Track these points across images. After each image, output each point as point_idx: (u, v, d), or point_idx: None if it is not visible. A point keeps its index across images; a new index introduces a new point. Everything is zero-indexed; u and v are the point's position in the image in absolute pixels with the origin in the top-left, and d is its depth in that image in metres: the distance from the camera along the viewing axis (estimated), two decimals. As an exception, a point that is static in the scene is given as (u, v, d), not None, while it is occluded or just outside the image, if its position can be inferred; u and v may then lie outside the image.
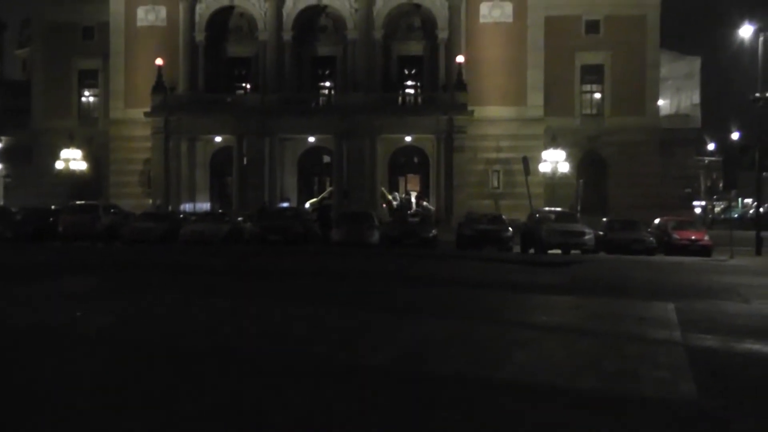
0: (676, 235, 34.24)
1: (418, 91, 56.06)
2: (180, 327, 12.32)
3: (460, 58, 51.43)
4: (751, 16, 36.16)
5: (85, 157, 54.36)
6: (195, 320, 12.99)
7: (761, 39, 34.63)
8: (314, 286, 18.71)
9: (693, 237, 34.14)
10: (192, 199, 53.87)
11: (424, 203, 51.88)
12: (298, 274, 21.67)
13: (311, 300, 15.70)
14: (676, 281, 21.15)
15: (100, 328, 12.08)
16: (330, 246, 33.80)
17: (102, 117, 57.90)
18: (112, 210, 39.94)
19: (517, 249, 33.78)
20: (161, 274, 20.74)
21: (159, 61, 52.42)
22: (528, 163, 33.50)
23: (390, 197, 52.08)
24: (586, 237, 32.94)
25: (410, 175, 57.75)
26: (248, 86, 57.60)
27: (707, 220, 64.00)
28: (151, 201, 51.75)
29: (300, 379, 8.74)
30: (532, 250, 32.38)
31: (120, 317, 13.23)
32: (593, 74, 55.95)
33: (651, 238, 33.67)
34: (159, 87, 52.47)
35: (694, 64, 63.35)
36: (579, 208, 45.43)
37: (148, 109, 52.51)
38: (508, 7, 53.42)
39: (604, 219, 37.96)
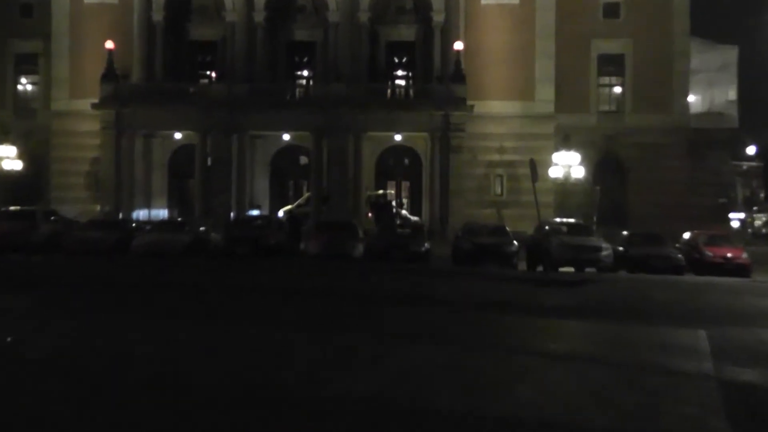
0: (708, 252, 34.22)
1: (410, 82, 56.03)
2: (127, 354, 12.22)
3: (458, 45, 51.48)
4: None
5: (22, 155, 53.90)
6: (145, 345, 12.88)
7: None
8: (284, 306, 18.62)
9: (728, 254, 34.11)
10: (147, 204, 53.71)
11: (403, 212, 51.62)
12: (266, 292, 21.58)
13: (280, 322, 15.62)
14: (707, 305, 21.11)
15: (34, 353, 11.99)
16: (304, 259, 33.77)
17: (42, 109, 57.57)
18: (52, 217, 39.73)
19: (522, 266, 33.77)
20: (108, 292, 20.62)
21: (110, 45, 52.20)
22: (536, 167, 33.45)
23: (378, 193, 52.11)
24: (603, 253, 32.91)
25: (399, 180, 57.68)
26: (214, 75, 57.40)
27: (745, 235, 64.15)
28: (99, 207, 51.54)
29: (262, 414, 8.64)
30: (540, 268, 32.36)
31: (57, 341, 13.12)
32: (612, 65, 56.07)
33: (679, 255, 33.67)
34: (109, 74, 52.22)
35: (730, 54, 63.70)
36: (595, 219, 45.50)
37: (96, 100, 52.21)
38: (515, -14, 53.66)
39: (624, 232, 37.99)
